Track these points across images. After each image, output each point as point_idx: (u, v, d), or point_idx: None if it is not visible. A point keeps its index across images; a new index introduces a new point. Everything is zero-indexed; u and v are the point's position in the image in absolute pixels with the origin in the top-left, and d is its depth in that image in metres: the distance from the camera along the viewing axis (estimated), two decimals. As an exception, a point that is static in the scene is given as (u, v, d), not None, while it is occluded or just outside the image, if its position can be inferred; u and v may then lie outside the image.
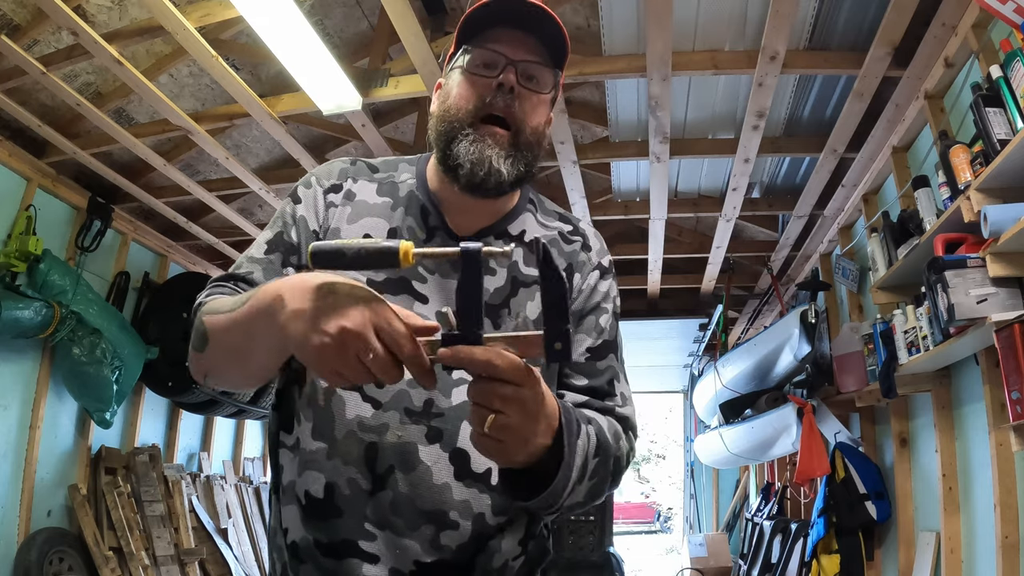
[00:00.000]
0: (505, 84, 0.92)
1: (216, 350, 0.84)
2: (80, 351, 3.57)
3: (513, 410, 0.67)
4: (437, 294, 0.94)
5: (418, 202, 1.00)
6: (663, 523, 19.83)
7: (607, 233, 4.69)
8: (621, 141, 3.45)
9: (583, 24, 3.09)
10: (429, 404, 0.90)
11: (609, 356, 1.00)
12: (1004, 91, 1.90)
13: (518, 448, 0.71)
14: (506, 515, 0.91)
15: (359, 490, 0.87)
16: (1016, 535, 2.15)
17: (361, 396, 0.90)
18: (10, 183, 3.43)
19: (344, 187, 1.01)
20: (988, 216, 1.92)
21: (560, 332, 0.66)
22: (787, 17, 2.30)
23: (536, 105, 0.96)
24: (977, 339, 2.14)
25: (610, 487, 0.93)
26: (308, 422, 0.91)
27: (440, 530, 0.87)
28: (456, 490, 0.88)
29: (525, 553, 0.95)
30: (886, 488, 3.26)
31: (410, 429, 0.88)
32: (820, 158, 3.26)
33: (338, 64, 2.66)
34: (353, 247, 0.70)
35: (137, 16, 2.89)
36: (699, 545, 6.08)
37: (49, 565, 3.33)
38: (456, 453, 0.89)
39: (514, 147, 0.94)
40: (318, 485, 0.88)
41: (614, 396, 0.99)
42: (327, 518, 0.88)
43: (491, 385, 0.66)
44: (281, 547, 0.92)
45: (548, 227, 1.05)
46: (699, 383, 6.07)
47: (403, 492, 0.87)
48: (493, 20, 0.95)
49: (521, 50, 0.94)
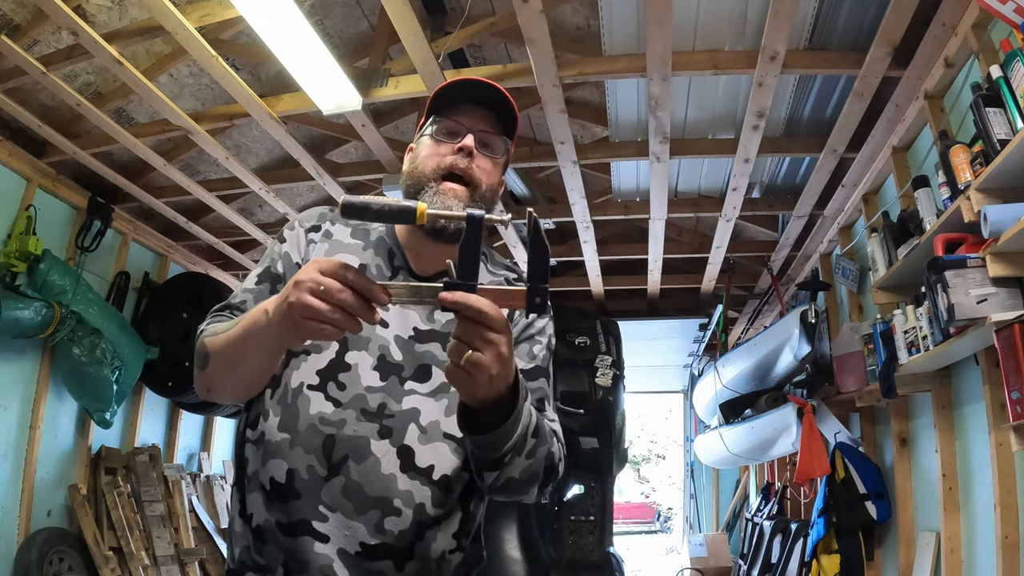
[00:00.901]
0: (465, 148, 1.10)
1: (216, 365, 1.01)
2: (80, 351, 3.57)
3: (488, 350, 0.79)
4: (397, 319, 1.09)
5: (386, 246, 1.16)
6: (663, 523, 19.82)
7: (607, 233, 4.69)
8: (621, 141, 3.45)
9: (583, 24, 3.09)
10: (383, 407, 1.03)
11: (540, 379, 1.14)
12: (1004, 91, 1.89)
13: (482, 384, 0.82)
14: (444, 508, 1.03)
15: (316, 476, 1.00)
16: (1016, 535, 2.15)
17: (324, 396, 1.03)
18: (10, 183, 3.43)
19: (323, 227, 1.17)
20: (988, 216, 1.92)
21: (540, 290, 0.78)
22: (787, 17, 2.30)
23: (491, 167, 1.14)
24: (977, 339, 2.14)
25: (541, 485, 1.04)
26: (276, 417, 1.04)
27: (385, 515, 0.99)
28: (401, 481, 1.01)
29: (461, 549, 1.07)
30: (886, 488, 3.26)
31: (364, 426, 1.02)
32: (820, 158, 3.26)
33: (338, 64, 2.66)
34: (378, 203, 0.82)
35: (137, 16, 2.89)
36: (699, 545, 6.09)
37: (49, 565, 3.33)
38: (403, 449, 1.02)
39: (472, 200, 1.10)
40: (281, 472, 1.01)
41: (544, 412, 1.11)
42: (287, 500, 1.00)
43: (475, 327, 0.78)
44: (243, 532, 1.04)
45: (496, 275, 1.21)
46: (699, 383, 6.07)
47: (354, 479, 0.99)
48: (458, 97, 1.14)
49: (480, 122, 1.13)
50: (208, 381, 1.04)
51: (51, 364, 3.66)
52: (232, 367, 0.99)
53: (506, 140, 1.16)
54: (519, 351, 1.13)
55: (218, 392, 1.05)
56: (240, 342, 0.96)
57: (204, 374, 1.04)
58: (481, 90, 1.13)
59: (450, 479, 1.04)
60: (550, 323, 1.20)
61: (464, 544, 1.08)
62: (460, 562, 1.07)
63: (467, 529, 1.08)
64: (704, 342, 6.19)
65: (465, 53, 3.39)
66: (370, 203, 0.81)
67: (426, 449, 1.03)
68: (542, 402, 1.12)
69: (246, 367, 0.98)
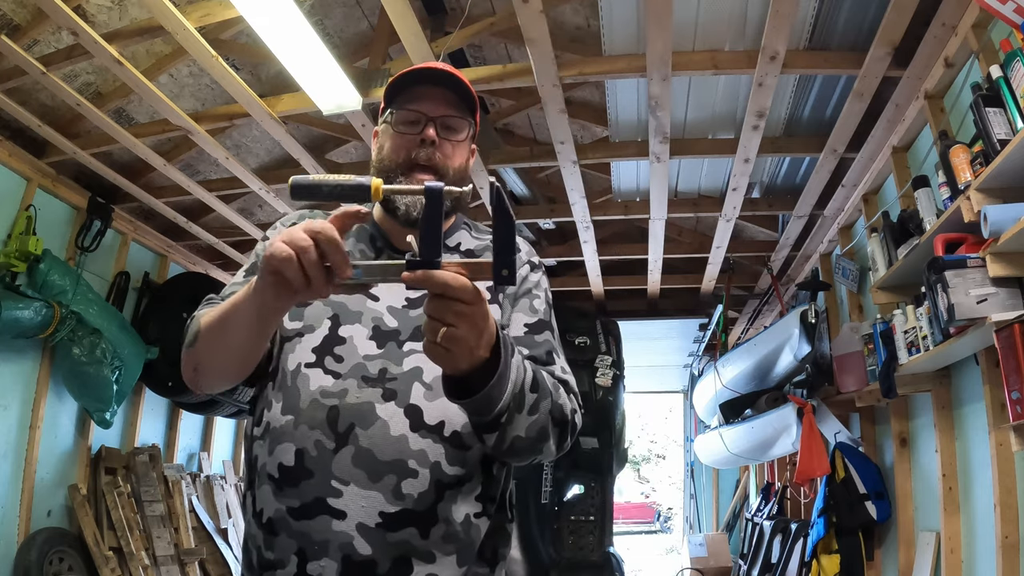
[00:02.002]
0: (427, 139, 1.10)
1: (205, 339, 0.99)
2: (80, 351, 3.57)
3: (462, 323, 0.78)
4: (386, 292, 1.08)
5: (367, 232, 1.18)
6: (663, 523, 19.82)
7: (607, 233, 4.69)
8: (621, 141, 3.45)
9: (583, 24, 3.09)
10: (384, 371, 1.02)
11: (545, 332, 1.13)
12: (1004, 91, 1.89)
13: (463, 356, 0.81)
14: (462, 467, 1.01)
15: (325, 450, 0.97)
16: (1016, 535, 2.15)
17: (323, 371, 1.02)
18: (10, 183, 3.43)
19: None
20: (988, 216, 1.92)
21: (507, 261, 0.76)
22: (787, 17, 2.30)
23: (455, 149, 1.14)
24: (977, 339, 2.14)
25: (557, 440, 1.02)
26: (277, 403, 1.03)
27: (401, 478, 0.97)
28: (412, 440, 0.98)
29: (487, 515, 1.03)
30: (886, 488, 3.26)
31: (367, 391, 1.00)
32: (820, 158, 3.26)
33: (338, 64, 2.66)
34: (330, 182, 0.80)
35: (137, 16, 2.89)
36: (699, 545, 6.09)
37: (49, 565, 3.33)
38: (410, 408, 1.00)
39: None
40: (289, 455, 0.98)
41: (553, 364, 1.10)
42: (299, 482, 0.97)
43: (445, 303, 0.77)
44: (255, 533, 1.01)
45: (480, 239, 1.22)
46: (699, 383, 6.07)
47: (364, 446, 0.97)
48: (412, 82, 1.13)
49: (438, 105, 1.12)
50: (195, 358, 1.02)
51: (51, 364, 3.65)
52: (219, 337, 0.97)
53: (468, 120, 1.15)
54: (520, 306, 1.13)
55: (204, 372, 1.02)
56: (230, 310, 0.95)
57: (192, 351, 1.02)
58: (433, 74, 1.13)
59: (462, 435, 1.01)
60: (544, 278, 1.21)
61: (490, 510, 1.04)
62: (489, 531, 1.03)
63: (491, 493, 1.05)
64: (704, 342, 6.19)
65: (465, 53, 3.39)
66: (321, 183, 0.80)
67: (434, 406, 1.01)
68: (550, 354, 1.10)
69: (232, 337, 0.95)
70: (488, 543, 1.03)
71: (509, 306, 1.13)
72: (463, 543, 0.99)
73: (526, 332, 1.11)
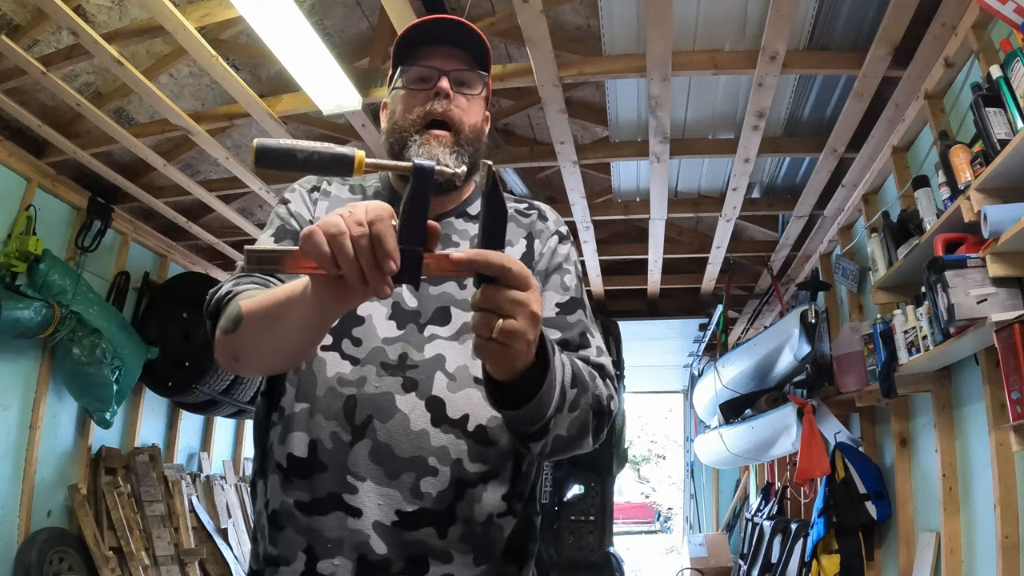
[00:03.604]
0: (441, 91, 1.04)
1: (251, 330, 0.87)
2: (80, 351, 3.57)
3: (521, 314, 0.69)
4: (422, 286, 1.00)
5: (385, 198, 1.10)
6: (663, 523, 19.82)
7: (607, 233, 4.69)
8: (621, 141, 3.45)
9: (583, 24, 3.09)
10: (404, 358, 0.95)
11: (578, 311, 1.05)
12: (1004, 91, 1.90)
13: (521, 353, 0.73)
14: (485, 463, 0.94)
15: (340, 443, 0.92)
16: (1016, 535, 2.15)
17: (340, 355, 0.96)
18: (10, 183, 3.43)
19: (320, 187, 1.14)
20: (988, 216, 1.92)
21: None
22: (787, 17, 2.30)
23: (471, 105, 1.07)
24: (977, 339, 2.14)
25: (595, 432, 0.95)
26: (292, 388, 0.97)
27: (420, 476, 0.91)
28: (433, 436, 0.92)
29: (513, 513, 0.97)
30: (886, 488, 3.26)
31: (386, 380, 0.94)
32: (820, 158, 3.26)
33: (338, 64, 2.66)
34: (306, 149, 0.70)
35: (137, 16, 2.89)
36: (699, 545, 6.08)
37: (49, 565, 3.33)
38: (432, 400, 0.94)
39: (457, 144, 1.04)
40: (302, 445, 0.93)
41: (588, 347, 1.02)
42: (311, 475, 0.91)
43: (500, 290, 0.69)
44: (262, 524, 0.95)
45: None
46: (699, 383, 6.07)
47: (382, 441, 0.91)
48: (420, 41, 1.06)
49: (450, 61, 1.06)
50: (236, 348, 0.89)
51: (51, 364, 3.66)
52: (269, 332, 0.85)
53: (482, 74, 1.08)
54: (551, 283, 1.05)
55: (247, 360, 0.91)
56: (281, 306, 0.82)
57: (233, 339, 0.88)
58: (443, 28, 1.06)
59: (487, 430, 0.94)
60: (573, 250, 1.13)
61: (516, 507, 0.97)
62: (513, 529, 0.96)
63: (519, 490, 0.98)
64: (704, 342, 6.19)
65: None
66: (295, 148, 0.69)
67: (457, 398, 0.94)
68: (584, 336, 1.02)
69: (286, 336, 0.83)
70: (514, 540, 0.97)
71: (540, 284, 0.99)
72: (482, 543, 0.94)
73: (558, 313, 1.02)
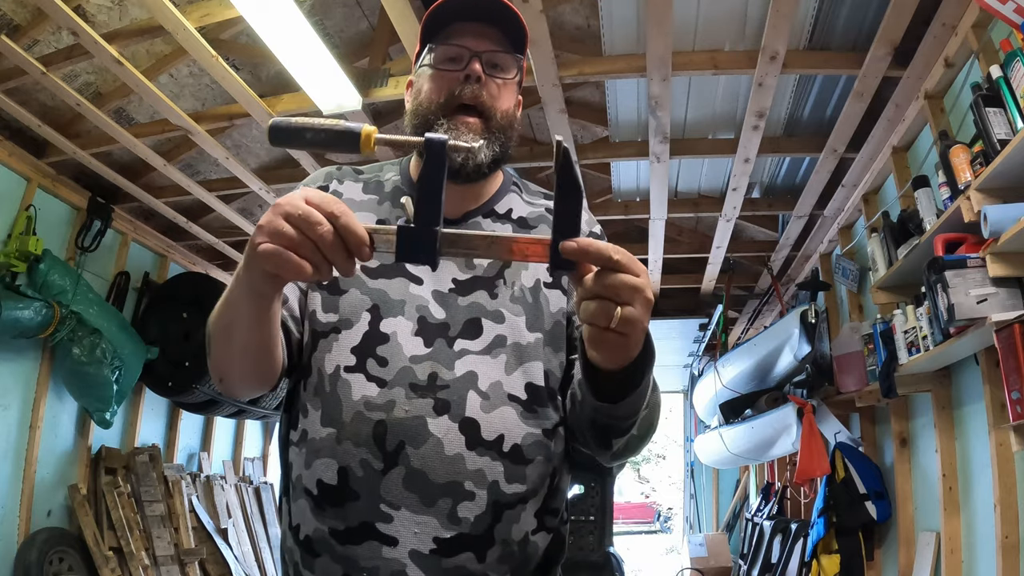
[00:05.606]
0: (472, 75, 0.96)
1: (216, 346, 0.86)
2: (80, 351, 3.57)
3: (639, 301, 0.67)
4: (429, 276, 0.96)
5: (403, 194, 1.03)
6: (663, 523, 19.82)
7: (607, 233, 4.65)
8: (621, 141, 3.45)
9: (583, 24, 3.09)
10: (433, 377, 0.90)
11: None
12: (1004, 91, 1.90)
13: (638, 343, 0.70)
14: (521, 483, 0.90)
15: (372, 471, 0.87)
16: (1016, 535, 2.15)
17: (365, 377, 0.90)
18: (10, 183, 3.43)
19: (330, 188, 1.05)
20: (988, 216, 1.92)
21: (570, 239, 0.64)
22: (787, 17, 2.30)
23: (503, 90, 1.00)
24: (977, 339, 2.14)
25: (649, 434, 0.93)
26: (316, 411, 0.92)
27: (457, 502, 0.87)
28: (469, 460, 0.88)
29: (547, 529, 0.94)
30: (886, 488, 3.26)
31: (417, 403, 0.89)
32: (820, 158, 3.26)
33: (338, 64, 2.66)
34: (315, 126, 0.69)
35: (137, 16, 2.89)
36: (699, 545, 6.08)
37: (49, 565, 3.33)
38: (466, 422, 0.89)
39: (487, 131, 0.98)
40: (331, 472, 0.88)
41: None
42: (343, 503, 0.87)
43: (617, 276, 0.65)
44: (292, 547, 0.92)
45: (534, 204, 1.07)
46: (699, 383, 6.07)
47: (416, 467, 0.87)
48: (453, 16, 0.99)
49: (483, 41, 0.98)
50: (215, 369, 0.89)
51: (51, 364, 3.66)
52: (226, 339, 0.83)
53: (517, 57, 1.01)
54: None
55: (229, 381, 0.90)
56: (226, 304, 0.81)
57: (211, 360, 0.89)
58: (479, 3, 0.98)
59: (522, 449, 0.90)
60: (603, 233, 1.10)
61: (551, 523, 0.94)
62: (546, 547, 0.94)
63: (553, 506, 0.95)
64: (704, 342, 6.19)
65: (465, 53, 3.38)
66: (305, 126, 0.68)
67: (492, 418, 0.89)
68: None
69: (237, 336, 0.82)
70: (547, 555, 0.95)
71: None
72: (520, 562, 0.91)
73: None
